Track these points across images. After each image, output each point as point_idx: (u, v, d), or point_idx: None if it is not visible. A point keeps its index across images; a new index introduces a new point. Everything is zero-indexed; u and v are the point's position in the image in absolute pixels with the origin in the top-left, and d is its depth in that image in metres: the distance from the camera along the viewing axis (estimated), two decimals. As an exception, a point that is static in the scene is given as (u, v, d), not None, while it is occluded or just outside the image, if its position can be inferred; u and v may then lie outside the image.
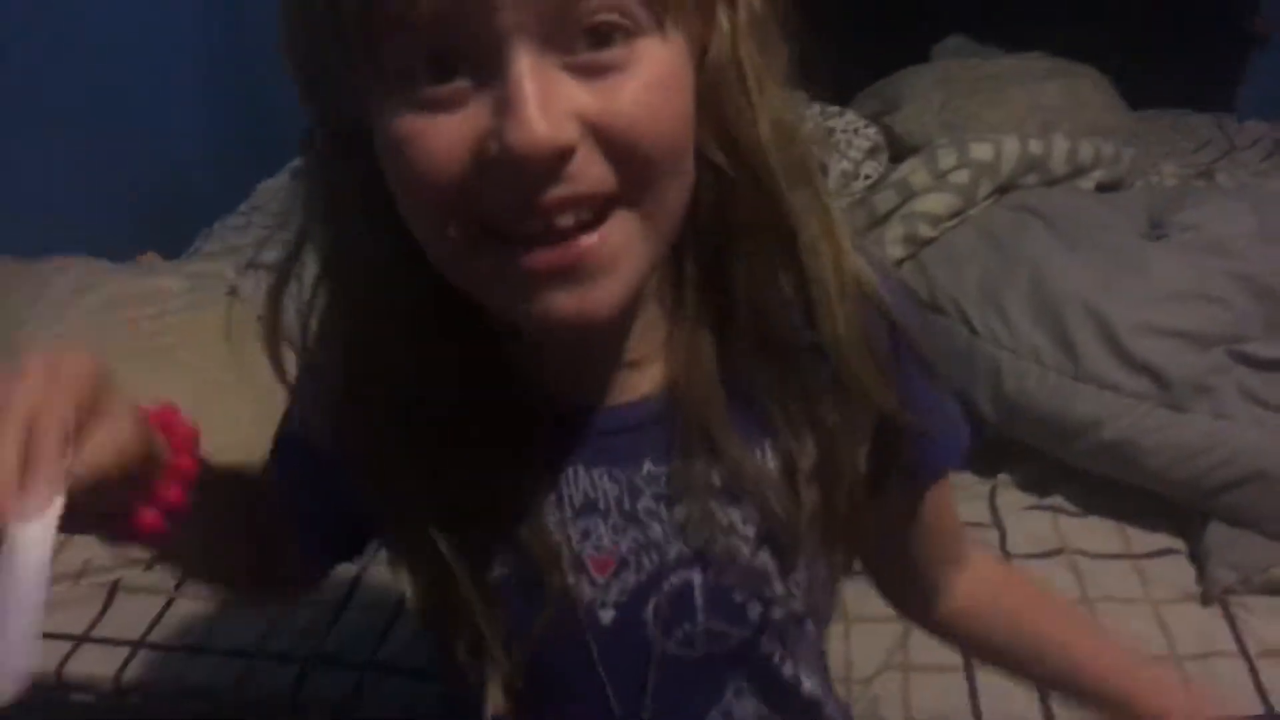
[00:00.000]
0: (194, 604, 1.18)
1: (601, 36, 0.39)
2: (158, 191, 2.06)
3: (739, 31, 0.44)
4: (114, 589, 1.21)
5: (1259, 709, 1.01)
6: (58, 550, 0.39)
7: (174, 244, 1.96)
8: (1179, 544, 1.17)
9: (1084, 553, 1.16)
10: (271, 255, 0.54)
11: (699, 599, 0.52)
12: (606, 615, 0.53)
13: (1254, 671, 1.04)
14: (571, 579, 0.52)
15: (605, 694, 0.55)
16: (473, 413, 0.50)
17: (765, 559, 0.52)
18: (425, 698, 1.05)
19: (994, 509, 1.24)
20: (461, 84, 0.39)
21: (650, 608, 0.53)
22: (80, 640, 1.14)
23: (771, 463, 0.51)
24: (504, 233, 0.41)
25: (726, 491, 0.51)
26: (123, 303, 1.42)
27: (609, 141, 0.40)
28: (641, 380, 0.52)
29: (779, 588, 0.53)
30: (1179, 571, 1.14)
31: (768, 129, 0.45)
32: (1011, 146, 1.45)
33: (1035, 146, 1.45)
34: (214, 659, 1.12)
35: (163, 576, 1.22)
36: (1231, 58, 2.37)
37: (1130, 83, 2.06)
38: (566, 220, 0.40)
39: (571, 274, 0.41)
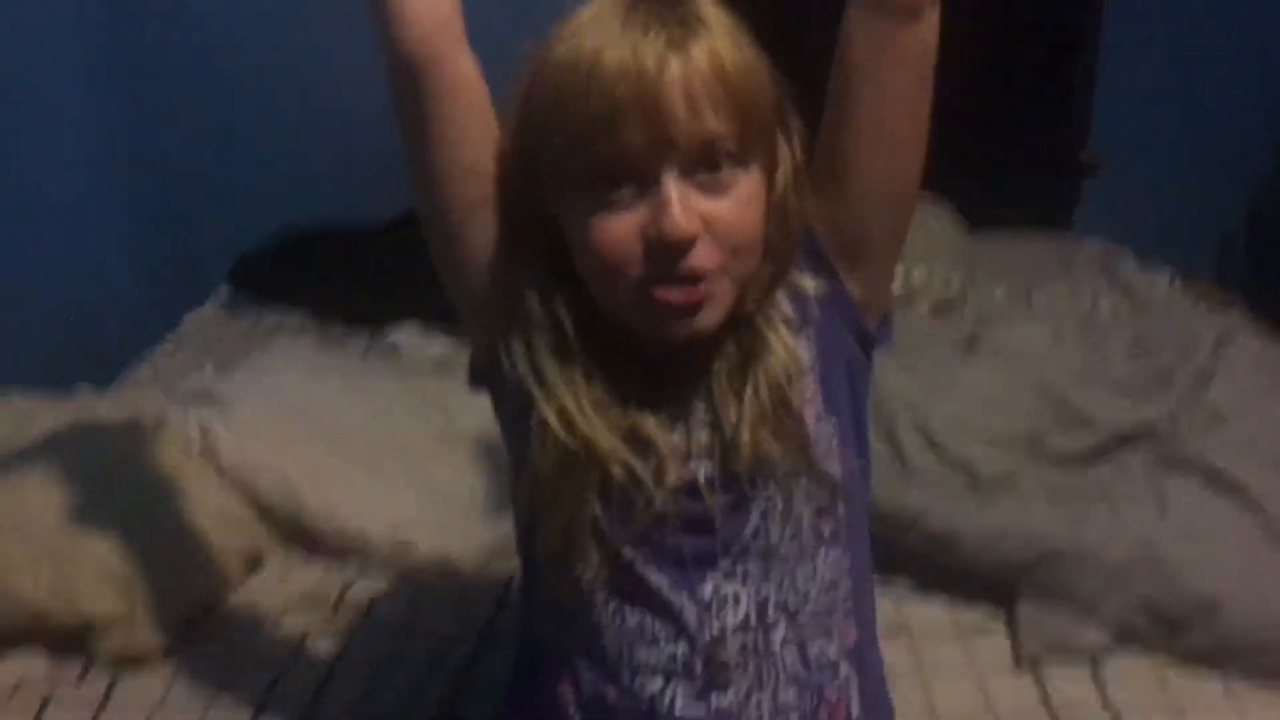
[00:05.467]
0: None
1: (715, 167, 0.67)
2: (88, 324, 2.20)
3: (795, 157, 0.73)
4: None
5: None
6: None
7: (106, 373, 2.08)
8: (999, 615, 1.35)
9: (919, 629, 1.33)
10: (196, 384, 0.71)
11: (717, 478, 0.74)
12: (671, 481, 0.74)
13: (1058, 726, 1.21)
14: (657, 462, 0.74)
15: (682, 550, 0.75)
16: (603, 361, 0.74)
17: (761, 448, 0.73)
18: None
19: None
20: (630, 193, 0.67)
21: (701, 480, 0.74)
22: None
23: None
24: (653, 284, 0.68)
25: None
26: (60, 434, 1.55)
27: (717, 235, 0.67)
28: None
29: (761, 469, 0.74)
30: (997, 642, 1.32)
31: (800, 220, 0.74)
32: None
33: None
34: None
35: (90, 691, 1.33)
36: (1068, 183, 2.67)
37: (975, 207, 2.33)
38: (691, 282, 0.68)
39: (691, 309, 0.69)
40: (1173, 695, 1.22)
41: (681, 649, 0.75)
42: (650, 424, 0.73)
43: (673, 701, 0.75)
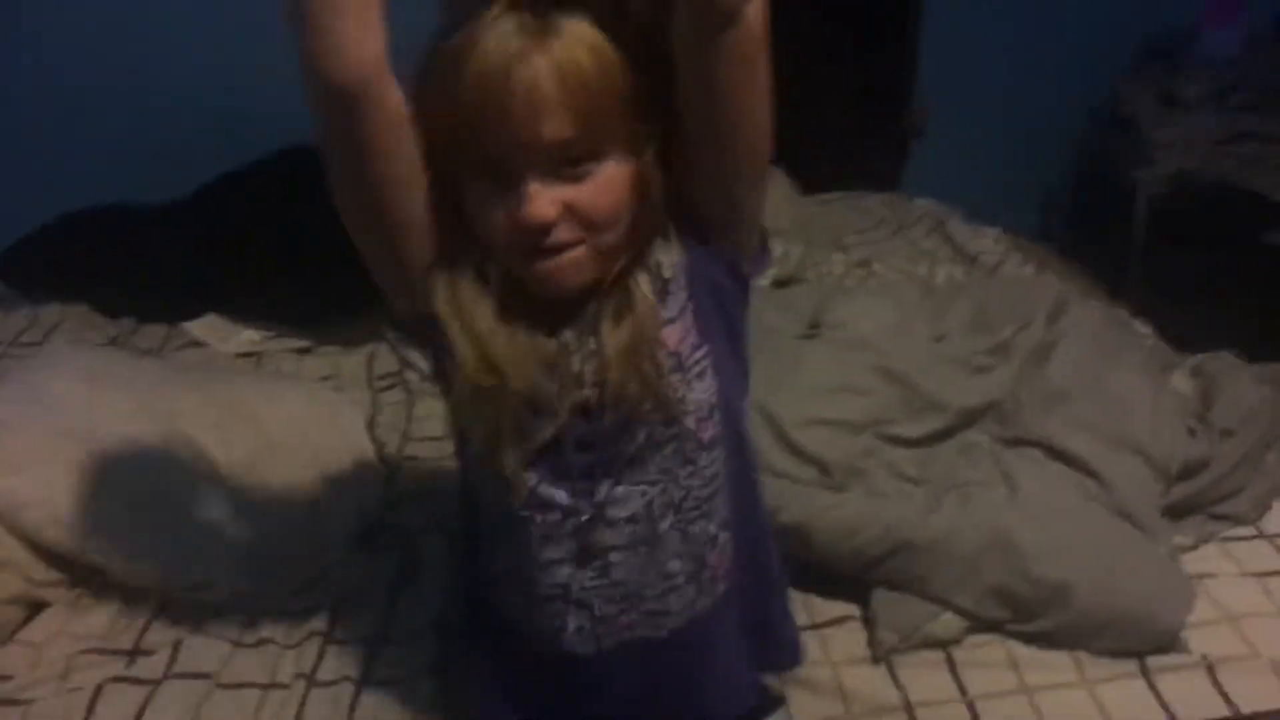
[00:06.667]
0: None
1: (570, 162, 0.76)
2: None
3: (659, 141, 0.78)
4: None
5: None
6: None
7: None
8: (854, 610, 1.31)
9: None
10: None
11: (604, 404, 0.84)
12: (568, 404, 0.84)
13: (914, 721, 1.18)
14: (557, 388, 0.84)
15: (575, 465, 0.87)
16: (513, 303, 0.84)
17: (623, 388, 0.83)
18: None
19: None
20: (500, 183, 0.76)
21: (592, 405, 0.84)
22: None
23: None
24: (524, 255, 0.79)
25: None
26: None
27: (576, 216, 0.77)
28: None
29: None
30: (853, 636, 1.28)
31: (664, 195, 0.81)
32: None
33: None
34: None
35: None
36: (895, 143, 2.67)
37: (807, 168, 2.29)
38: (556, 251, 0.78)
39: (558, 274, 0.79)
40: (1025, 679, 1.22)
41: (580, 542, 0.89)
42: (553, 354, 0.84)
43: (580, 584, 0.91)
